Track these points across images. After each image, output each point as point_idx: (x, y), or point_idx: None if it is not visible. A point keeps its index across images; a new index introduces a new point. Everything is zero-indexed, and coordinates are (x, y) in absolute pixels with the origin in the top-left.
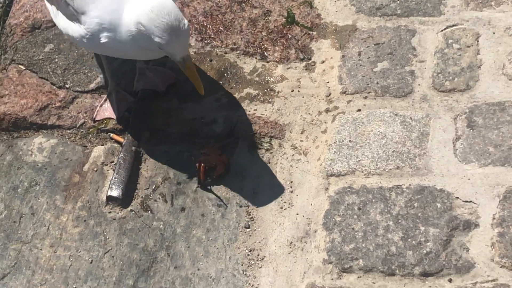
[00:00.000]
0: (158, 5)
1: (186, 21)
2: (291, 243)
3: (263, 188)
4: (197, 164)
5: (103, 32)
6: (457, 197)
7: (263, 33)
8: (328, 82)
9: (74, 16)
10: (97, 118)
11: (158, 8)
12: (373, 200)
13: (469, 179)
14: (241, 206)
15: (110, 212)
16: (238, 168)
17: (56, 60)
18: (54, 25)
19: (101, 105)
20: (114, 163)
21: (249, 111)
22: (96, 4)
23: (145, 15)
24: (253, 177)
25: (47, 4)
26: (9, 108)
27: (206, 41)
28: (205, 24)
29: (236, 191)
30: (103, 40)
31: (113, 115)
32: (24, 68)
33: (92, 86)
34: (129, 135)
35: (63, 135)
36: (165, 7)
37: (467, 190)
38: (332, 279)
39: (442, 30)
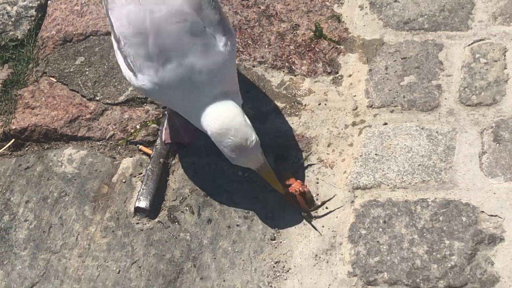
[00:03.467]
0: (224, 126)
1: (254, 137)
2: (316, 255)
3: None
4: (296, 197)
5: (157, 97)
6: (482, 211)
7: (291, 47)
8: (355, 96)
9: (131, 68)
10: (168, 141)
11: (224, 130)
12: (399, 214)
13: (494, 193)
14: (267, 218)
15: (137, 223)
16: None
17: (87, 72)
18: (85, 38)
19: (165, 128)
20: (142, 175)
21: (276, 124)
22: (159, 75)
23: (214, 135)
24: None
25: (112, 37)
26: (40, 119)
27: None
28: None
29: (262, 203)
30: (152, 97)
31: (182, 140)
32: (55, 80)
33: (121, 98)
34: (157, 147)
35: (92, 147)
36: (230, 128)
37: (493, 204)
38: None
39: (469, 45)
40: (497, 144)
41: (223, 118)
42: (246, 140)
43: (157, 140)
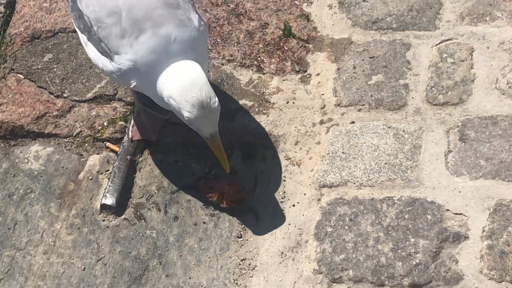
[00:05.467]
0: (190, 81)
1: (216, 100)
2: (282, 253)
3: (256, 198)
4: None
5: (134, 76)
6: (448, 210)
7: (260, 45)
8: (323, 94)
9: (106, 52)
10: (135, 139)
11: (190, 84)
12: (365, 212)
13: (460, 192)
14: (233, 216)
15: (103, 220)
16: (231, 178)
17: (55, 69)
18: (54, 35)
19: (132, 126)
20: (109, 172)
21: (244, 122)
22: (133, 49)
23: (177, 91)
24: (247, 187)
25: (78, 32)
26: (6, 116)
27: None
28: None
29: None
30: (133, 83)
31: (148, 137)
32: (22, 77)
33: (89, 95)
34: (124, 144)
35: (59, 144)
36: (197, 83)
37: (458, 203)
38: None
39: (436, 44)
40: (463, 143)
41: (189, 75)
42: (210, 99)
43: (125, 137)
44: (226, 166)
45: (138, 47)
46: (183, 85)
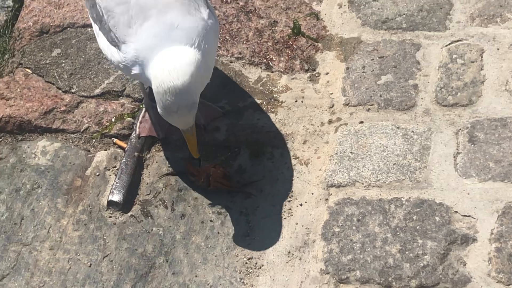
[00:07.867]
0: (166, 84)
1: (192, 105)
2: (289, 252)
3: (263, 197)
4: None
5: (137, 65)
6: (456, 211)
7: (269, 43)
8: (331, 94)
9: (115, 42)
10: (142, 135)
11: (167, 87)
12: (372, 212)
13: (468, 194)
14: (240, 214)
15: (110, 217)
16: (239, 176)
17: (63, 64)
18: (62, 30)
19: (140, 122)
20: (116, 168)
21: (252, 120)
22: (137, 36)
23: (156, 87)
24: (254, 186)
25: (91, 21)
26: (14, 111)
27: None
28: None
29: (236, 198)
30: (134, 71)
31: (156, 134)
32: (31, 71)
33: (97, 91)
34: (132, 140)
35: (67, 139)
36: (175, 87)
37: (466, 205)
38: None
39: (446, 45)
40: (472, 145)
41: (169, 74)
42: (185, 105)
43: (132, 133)
44: (194, 152)
45: (141, 33)
46: (160, 83)
